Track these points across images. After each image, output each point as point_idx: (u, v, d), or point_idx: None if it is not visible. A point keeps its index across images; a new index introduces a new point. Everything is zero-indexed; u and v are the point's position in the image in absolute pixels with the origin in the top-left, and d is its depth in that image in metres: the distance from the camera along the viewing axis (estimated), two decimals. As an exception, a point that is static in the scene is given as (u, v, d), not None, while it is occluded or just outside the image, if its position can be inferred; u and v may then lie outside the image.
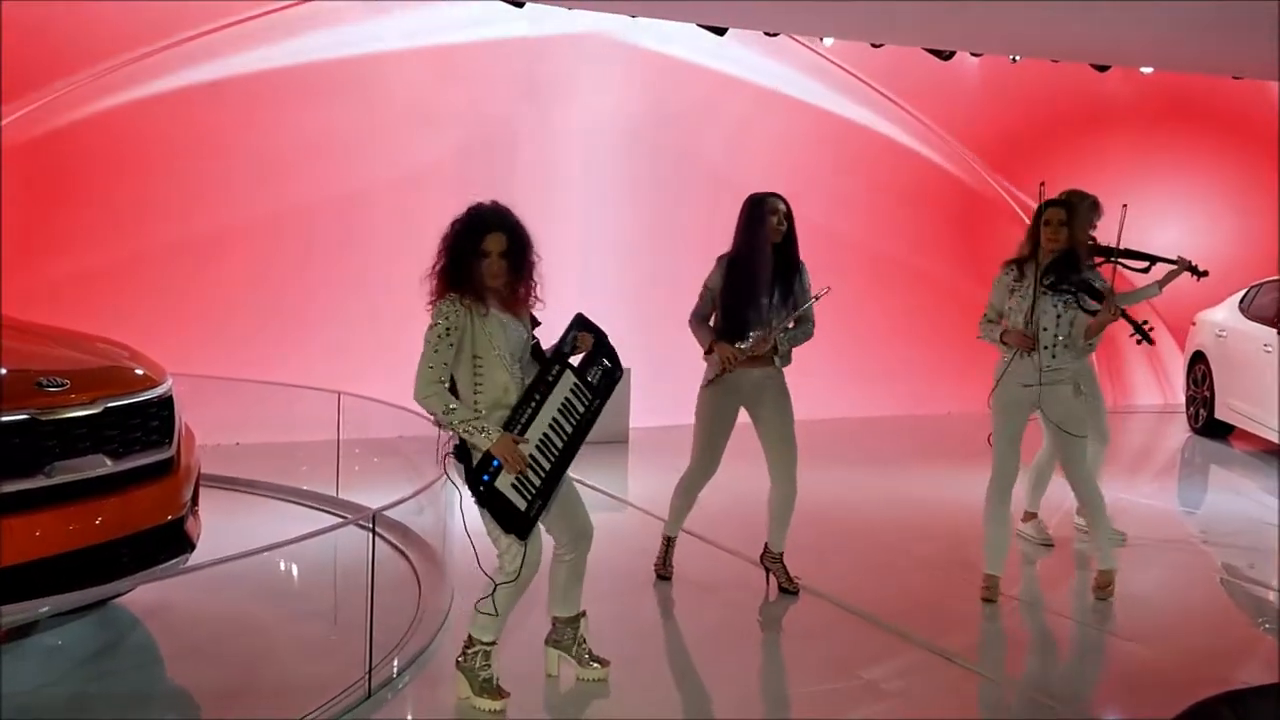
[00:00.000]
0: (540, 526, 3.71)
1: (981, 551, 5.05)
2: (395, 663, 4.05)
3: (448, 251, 3.60)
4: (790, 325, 4.73)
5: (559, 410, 3.66)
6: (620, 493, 6.81)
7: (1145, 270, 5.46)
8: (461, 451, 3.61)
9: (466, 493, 3.66)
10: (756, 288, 4.71)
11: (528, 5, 8.12)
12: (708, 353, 4.80)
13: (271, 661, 4.26)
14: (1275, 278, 8.75)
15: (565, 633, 3.96)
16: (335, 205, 8.24)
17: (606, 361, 3.84)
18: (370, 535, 3.85)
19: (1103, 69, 10.21)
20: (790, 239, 4.78)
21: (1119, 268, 5.25)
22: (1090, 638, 4.83)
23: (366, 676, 3.77)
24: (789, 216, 4.77)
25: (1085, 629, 4.91)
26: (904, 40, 9.12)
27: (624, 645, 4.25)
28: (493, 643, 3.73)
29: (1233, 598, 5.68)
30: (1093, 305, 4.81)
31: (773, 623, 4.79)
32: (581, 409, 3.71)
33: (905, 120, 9.91)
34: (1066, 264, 4.86)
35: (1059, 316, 4.86)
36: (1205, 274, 5.59)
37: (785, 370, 4.92)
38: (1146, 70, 10.38)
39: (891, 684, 4.13)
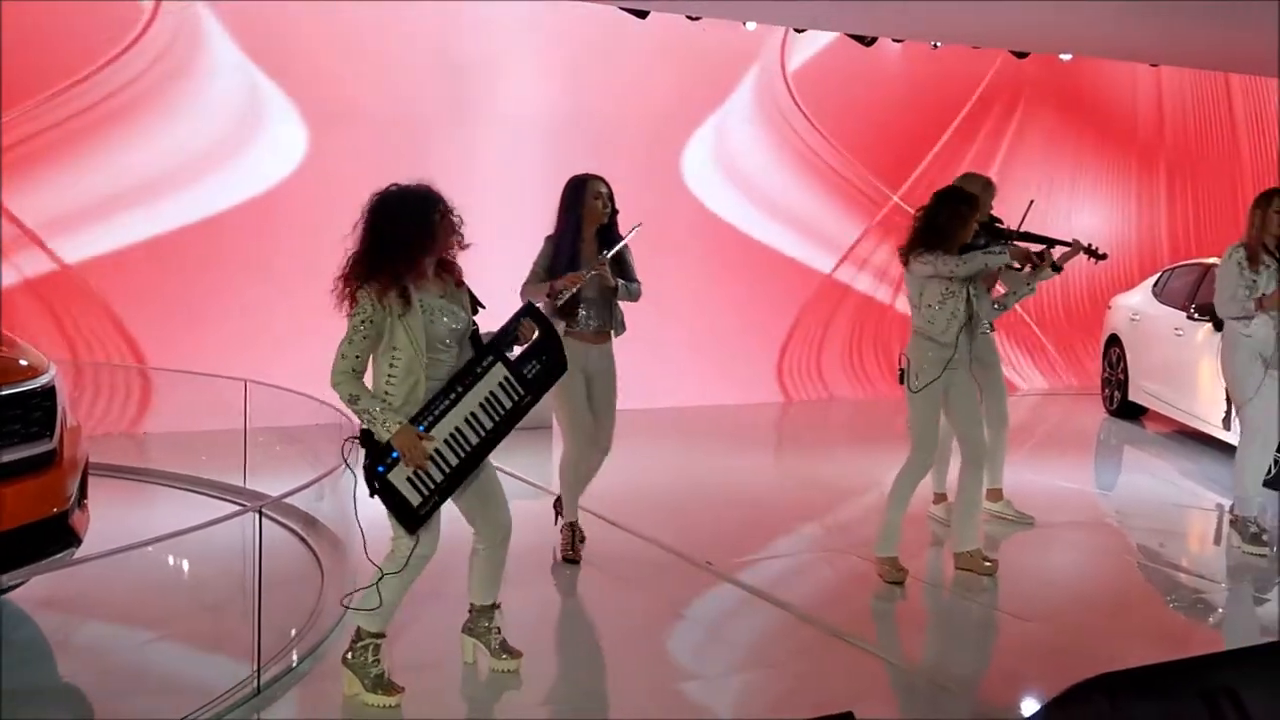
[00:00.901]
0: (440, 516, 3.63)
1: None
2: (294, 655, 3.95)
3: (388, 231, 3.46)
4: (608, 256, 4.82)
5: (481, 404, 3.56)
6: (543, 480, 6.75)
7: (1042, 254, 5.47)
8: (367, 438, 3.52)
9: (362, 478, 3.57)
10: (578, 267, 4.84)
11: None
12: (549, 295, 4.80)
13: (165, 657, 4.15)
14: (1188, 262, 8.89)
15: (479, 622, 3.91)
16: (242, 194, 8.06)
17: (548, 357, 3.72)
18: (256, 524, 3.73)
19: (1022, 55, 10.32)
20: (613, 220, 4.96)
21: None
22: (995, 619, 4.84)
23: (255, 672, 3.66)
24: (611, 198, 4.95)
25: (989, 611, 4.93)
26: (827, 25, 9.13)
27: (538, 633, 4.22)
28: (380, 635, 3.64)
29: (1140, 577, 5.76)
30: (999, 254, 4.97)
31: (683, 609, 4.76)
32: (509, 404, 3.61)
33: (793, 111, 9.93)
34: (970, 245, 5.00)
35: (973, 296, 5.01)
36: (1104, 256, 5.66)
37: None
38: (1065, 57, 10.51)
39: (797, 669, 4.12)
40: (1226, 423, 7.37)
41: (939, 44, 9.97)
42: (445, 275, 3.62)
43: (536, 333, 3.70)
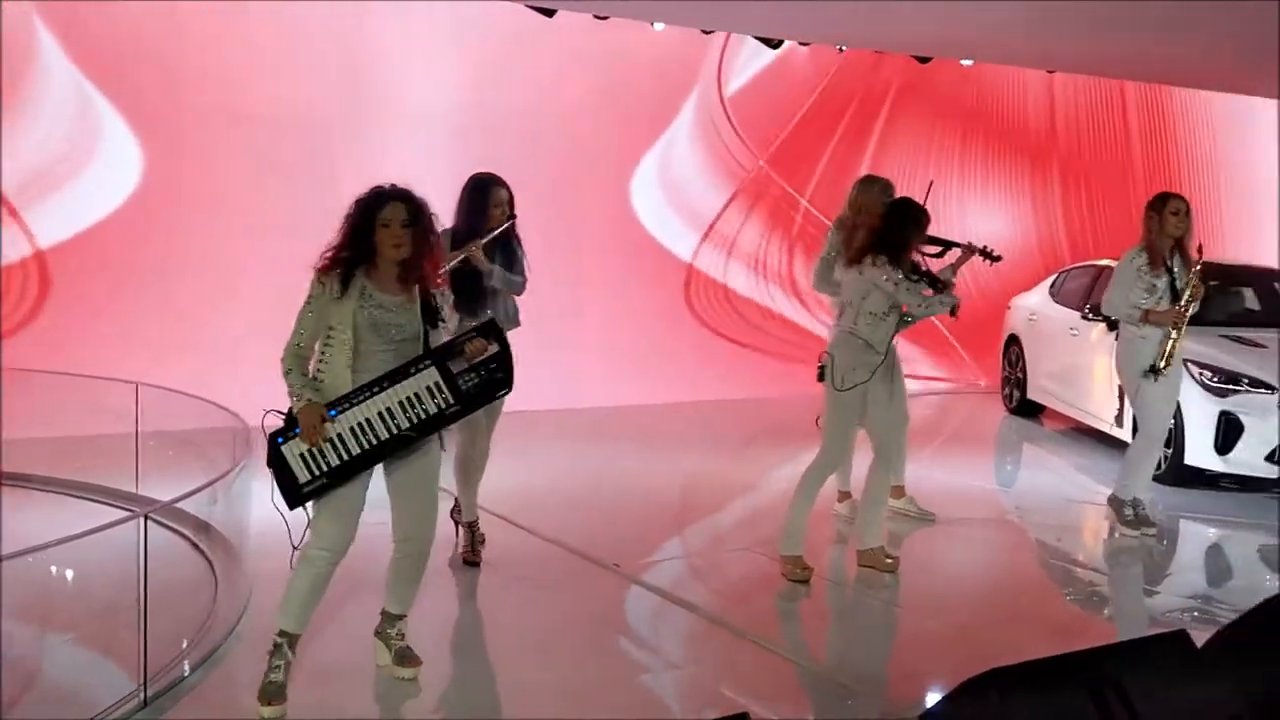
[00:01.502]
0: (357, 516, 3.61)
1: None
2: (185, 666, 3.83)
3: (347, 224, 3.56)
4: (483, 241, 4.77)
5: (401, 403, 3.55)
6: (445, 483, 6.67)
7: (939, 255, 5.59)
8: (290, 415, 3.55)
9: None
10: (475, 268, 4.82)
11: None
12: None
13: (49, 669, 3.99)
14: (1082, 264, 9.13)
15: (386, 627, 3.88)
16: (136, 192, 7.81)
17: (489, 373, 3.68)
18: (141, 530, 3.61)
19: (925, 60, 10.51)
20: (512, 226, 4.94)
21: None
22: (896, 616, 4.91)
23: (142, 684, 3.54)
24: (511, 203, 4.95)
25: (891, 608, 5.00)
26: (733, 27, 9.18)
27: (441, 639, 4.18)
28: (285, 634, 3.59)
29: (1038, 571, 5.89)
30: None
31: (589, 612, 4.72)
32: (432, 409, 3.58)
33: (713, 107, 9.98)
34: None
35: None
36: (998, 258, 5.77)
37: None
38: (967, 63, 10.72)
39: (702, 669, 4.13)
40: (1119, 420, 7.58)
41: (844, 48, 10.09)
42: (411, 284, 3.63)
43: (491, 349, 3.66)
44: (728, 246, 10.09)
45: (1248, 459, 6.61)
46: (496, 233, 4.82)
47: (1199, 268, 5.77)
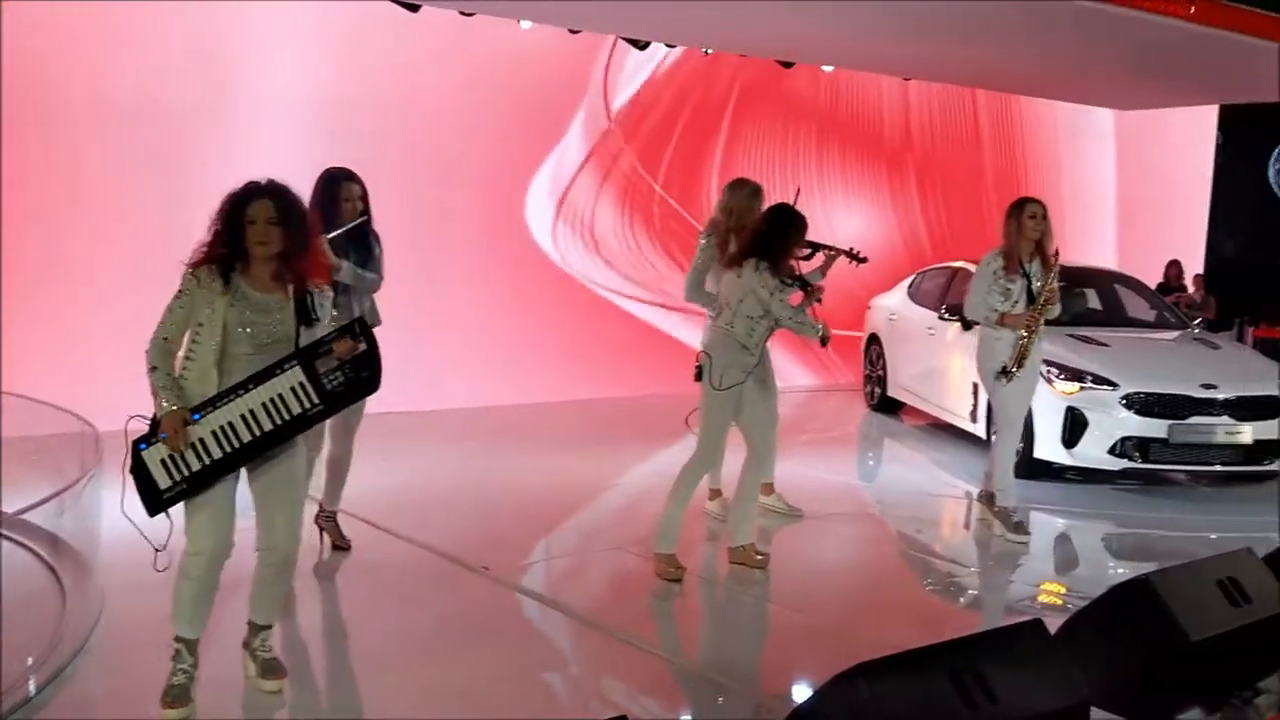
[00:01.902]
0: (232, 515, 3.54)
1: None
2: (31, 684, 3.64)
3: (215, 221, 3.49)
4: (329, 237, 4.64)
5: (265, 404, 3.46)
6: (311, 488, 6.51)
7: (808, 257, 5.67)
8: (154, 420, 3.46)
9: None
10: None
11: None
12: None
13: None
14: (938, 265, 9.44)
15: (252, 638, 3.78)
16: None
17: (356, 371, 3.58)
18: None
19: (788, 65, 10.72)
20: (367, 222, 4.88)
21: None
22: (768, 612, 4.99)
23: (-14, 704, 3.36)
24: (365, 198, 4.88)
25: (763, 603, 5.08)
26: (598, 28, 9.20)
27: (306, 648, 4.06)
28: (181, 639, 3.52)
29: (899, 564, 6.07)
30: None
31: (458, 615, 4.66)
32: (296, 410, 3.49)
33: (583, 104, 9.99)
34: None
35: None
36: (864, 260, 5.92)
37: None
38: (828, 69, 10.98)
39: (576, 671, 4.12)
40: (974, 416, 7.87)
41: (709, 51, 10.21)
42: (286, 282, 3.54)
43: (359, 348, 3.57)
44: (593, 243, 10.09)
45: (1092, 452, 6.94)
46: (346, 228, 4.72)
47: (1056, 271, 5.90)
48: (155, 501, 3.43)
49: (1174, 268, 12.81)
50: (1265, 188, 17.15)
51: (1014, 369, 5.87)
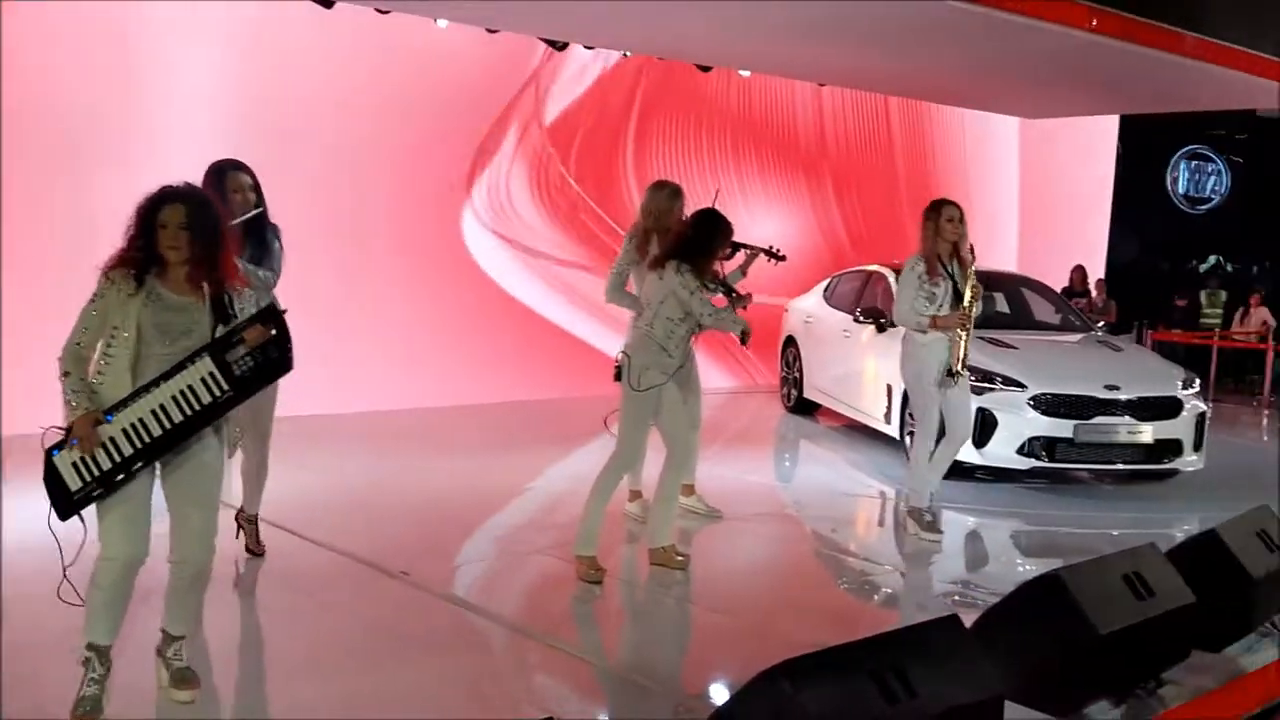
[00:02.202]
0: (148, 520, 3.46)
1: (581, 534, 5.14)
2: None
3: (130, 225, 3.45)
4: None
5: (174, 397, 3.40)
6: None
7: (728, 257, 5.66)
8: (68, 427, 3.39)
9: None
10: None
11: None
12: None
13: None
14: (853, 269, 9.59)
15: (166, 646, 3.69)
16: None
17: (265, 355, 3.51)
18: None
19: (706, 69, 10.80)
20: (262, 213, 4.73)
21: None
22: (689, 612, 5.01)
23: None
24: (256, 188, 4.72)
25: (683, 604, 5.11)
26: (511, 27, 9.16)
27: (219, 657, 3.96)
28: (93, 646, 3.43)
29: (816, 563, 6.15)
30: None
31: (377, 621, 4.60)
32: (207, 399, 3.43)
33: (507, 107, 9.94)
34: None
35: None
36: (783, 258, 5.99)
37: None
38: (744, 73, 11.09)
39: (497, 674, 4.10)
40: (888, 417, 8.02)
41: (629, 53, 10.25)
42: (202, 284, 3.49)
43: (271, 335, 3.52)
44: (510, 243, 10.04)
45: (1001, 452, 7.12)
46: (236, 221, 4.51)
47: (973, 271, 6.00)
48: (66, 504, 3.37)
49: (1078, 272, 13.21)
50: (1164, 196, 17.81)
51: (959, 370, 5.96)
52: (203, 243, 3.44)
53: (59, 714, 3.40)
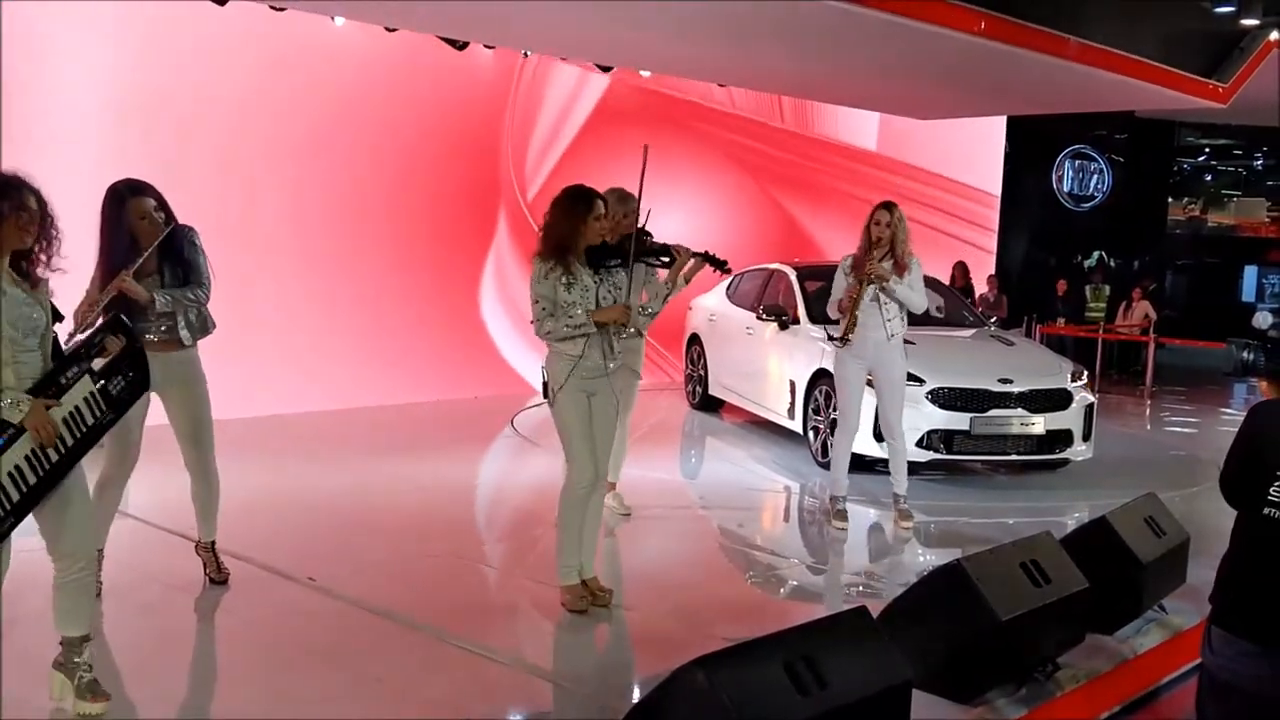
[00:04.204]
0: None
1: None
2: None
3: None
4: (129, 270, 4.26)
5: (64, 419, 3.31)
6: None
7: (668, 265, 5.14)
8: None
9: None
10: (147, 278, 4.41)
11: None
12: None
13: None
14: (755, 267, 9.70)
15: (70, 656, 3.54)
16: None
17: (133, 373, 3.49)
18: None
19: (606, 69, 10.82)
20: (174, 230, 4.46)
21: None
22: (601, 611, 4.94)
23: None
24: (162, 207, 4.45)
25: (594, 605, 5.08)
26: (415, 26, 9.08)
27: (121, 668, 3.84)
28: None
29: (725, 558, 6.22)
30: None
31: (285, 628, 4.51)
32: (91, 421, 3.36)
33: (413, 106, 9.84)
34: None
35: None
36: (728, 268, 5.60)
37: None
38: (645, 73, 11.14)
39: (406, 677, 4.05)
40: (791, 412, 8.14)
41: (529, 53, 10.21)
42: (25, 272, 3.37)
43: (122, 345, 3.46)
44: (401, 242, 9.93)
45: (901, 445, 7.28)
46: (145, 255, 4.30)
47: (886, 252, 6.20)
48: None
49: (959, 268, 13.53)
50: (1049, 194, 18.41)
51: (850, 331, 6.09)
52: (47, 228, 3.37)
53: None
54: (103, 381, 3.43)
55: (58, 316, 3.44)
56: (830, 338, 6.20)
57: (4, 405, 3.24)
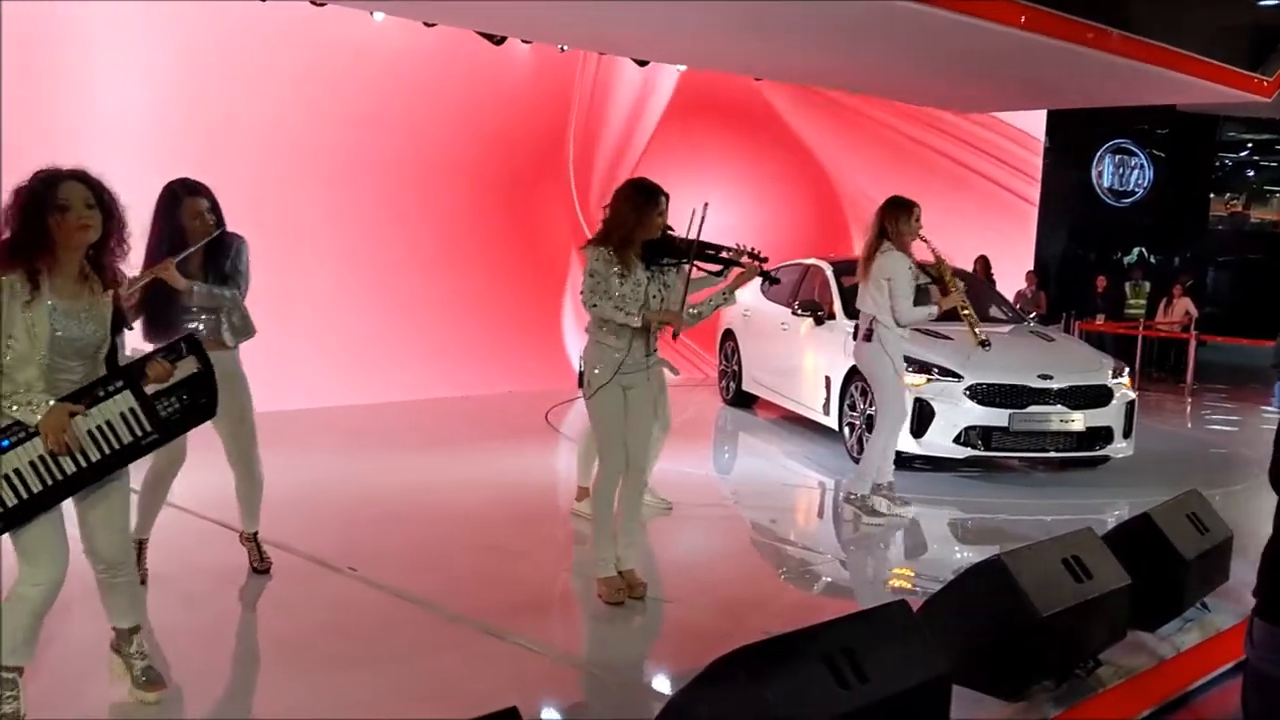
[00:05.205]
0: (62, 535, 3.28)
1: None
2: None
3: (17, 214, 3.14)
4: (174, 260, 4.28)
5: (92, 432, 3.21)
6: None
7: (719, 274, 5.04)
8: None
9: None
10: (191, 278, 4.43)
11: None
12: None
13: None
14: (790, 262, 9.67)
15: (123, 645, 3.58)
16: None
17: (191, 396, 3.35)
18: None
19: (643, 64, 10.83)
20: (223, 234, 4.52)
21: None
22: (645, 604, 4.92)
23: None
24: (215, 209, 4.51)
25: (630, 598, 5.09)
26: (453, 21, 9.11)
27: (176, 658, 3.90)
28: (9, 669, 3.27)
29: (759, 553, 6.21)
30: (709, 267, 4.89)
31: (331, 620, 4.56)
32: (127, 439, 3.26)
33: (453, 101, 9.88)
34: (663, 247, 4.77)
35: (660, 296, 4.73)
36: (778, 281, 5.46)
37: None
38: (680, 68, 11.13)
39: (455, 669, 4.08)
40: (826, 408, 8.11)
41: (565, 48, 10.23)
42: (94, 281, 3.27)
43: (182, 371, 3.34)
44: (446, 238, 9.99)
45: (939, 441, 7.25)
46: (191, 250, 4.35)
47: (937, 254, 6.30)
48: None
49: (980, 263, 13.41)
50: (1089, 190, 18.22)
51: (986, 339, 6.33)
52: (110, 225, 3.24)
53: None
54: (152, 399, 3.30)
55: (123, 323, 3.38)
56: (984, 344, 6.31)
57: (19, 404, 3.14)
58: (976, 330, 6.31)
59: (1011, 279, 13.78)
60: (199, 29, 8.28)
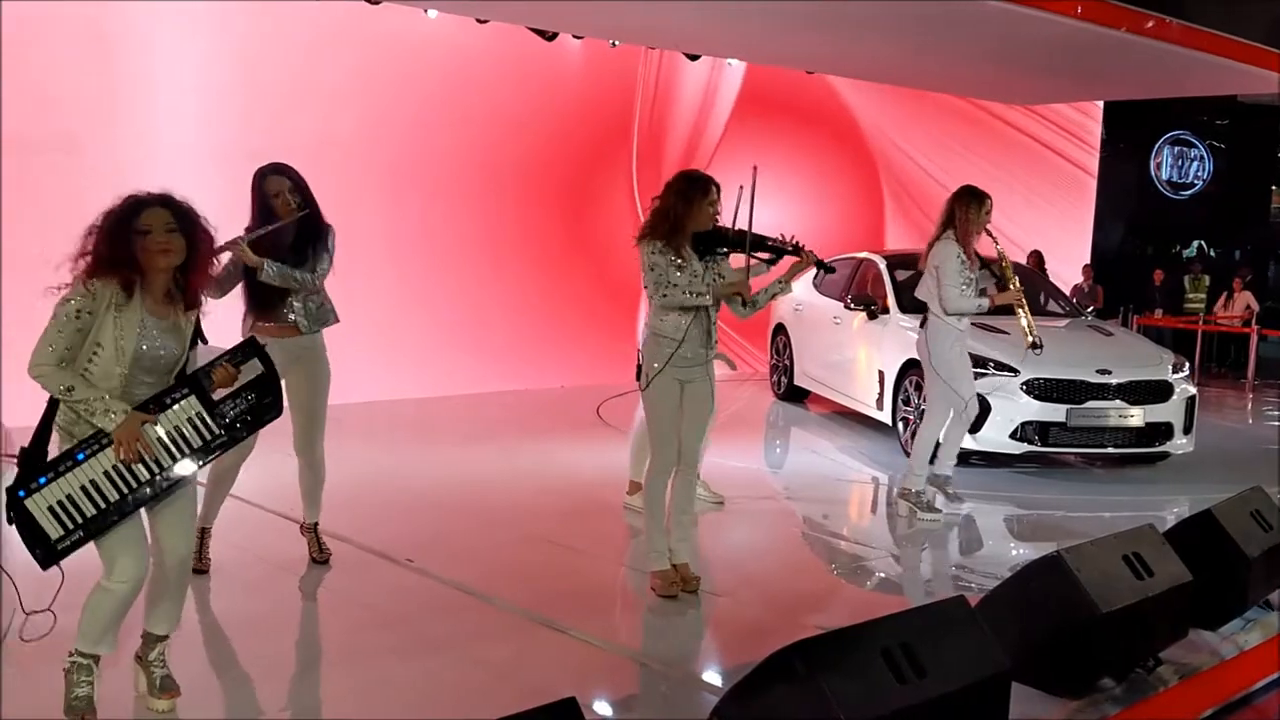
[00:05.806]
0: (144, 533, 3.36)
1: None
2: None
3: (104, 237, 3.22)
4: (247, 238, 4.38)
5: (161, 439, 3.28)
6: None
7: (771, 263, 5.01)
8: (25, 456, 3.21)
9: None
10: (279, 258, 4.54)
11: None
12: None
13: None
14: (842, 256, 9.60)
15: (147, 650, 3.61)
16: None
17: (257, 397, 3.42)
18: None
19: (694, 58, 10.81)
20: (311, 208, 4.63)
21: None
22: (700, 599, 4.91)
23: None
24: (300, 189, 4.61)
25: (696, 591, 5.08)
26: (507, 17, 9.16)
27: (222, 650, 3.95)
28: (89, 655, 3.36)
29: (811, 548, 6.19)
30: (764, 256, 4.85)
31: (389, 611, 4.61)
32: (197, 444, 3.33)
33: (508, 97, 9.93)
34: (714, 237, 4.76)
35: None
36: (833, 270, 5.50)
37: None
38: (734, 62, 11.10)
39: (509, 660, 4.12)
40: (880, 403, 8.06)
41: (617, 43, 10.24)
42: (179, 301, 3.35)
43: (247, 374, 3.40)
44: (507, 235, 10.04)
45: (995, 437, 7.18)
46: (269, 229, 4.46)
47: (999, 250, 6.25)
48: (49, 554, 3.18)
49: (1034, 257, 13.23)
50: (1147, 182, 17.92)
51: (1038, 341, 6.24)
52: (192, 249, 3.29)
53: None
54: (218, 403, 3.36)
55: (200, 338, 3.44)
56: (1035, 346, 6.25)
57: (98, 411, 3.19)
58: (1031, 331, 6.22)
59: (1067, 273, 13.59)
60: (256, 26, 8.38)
